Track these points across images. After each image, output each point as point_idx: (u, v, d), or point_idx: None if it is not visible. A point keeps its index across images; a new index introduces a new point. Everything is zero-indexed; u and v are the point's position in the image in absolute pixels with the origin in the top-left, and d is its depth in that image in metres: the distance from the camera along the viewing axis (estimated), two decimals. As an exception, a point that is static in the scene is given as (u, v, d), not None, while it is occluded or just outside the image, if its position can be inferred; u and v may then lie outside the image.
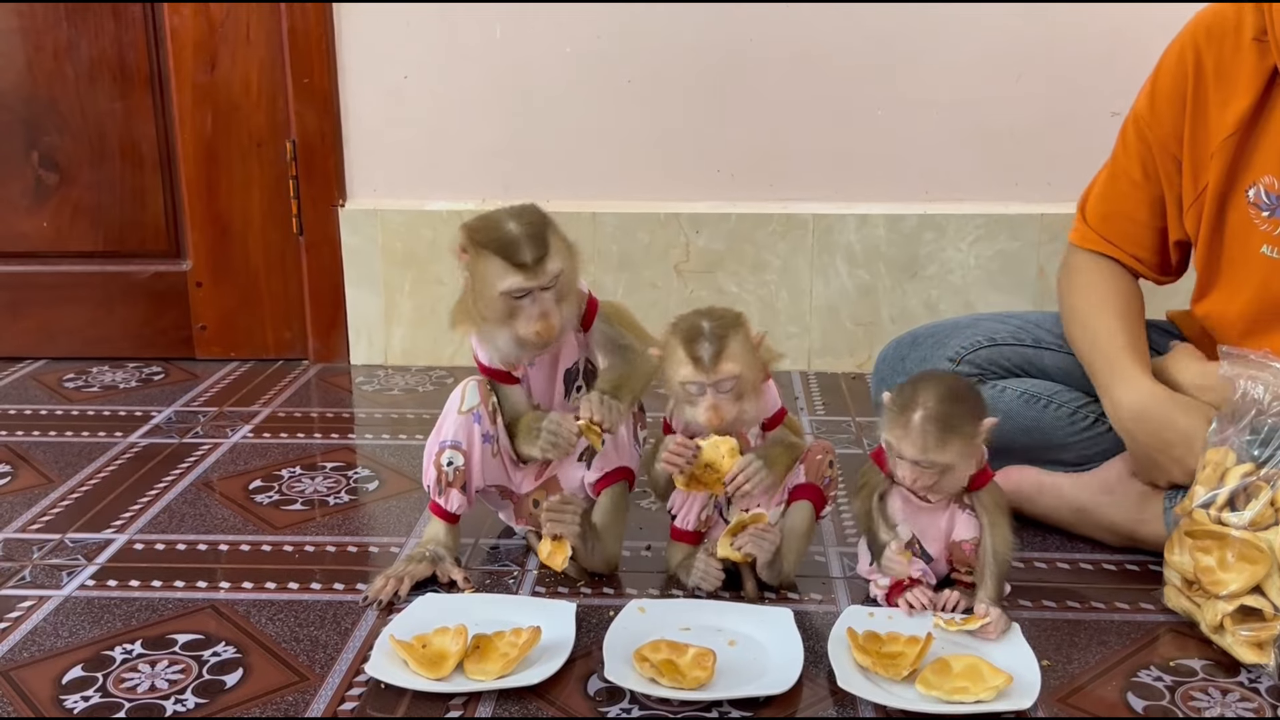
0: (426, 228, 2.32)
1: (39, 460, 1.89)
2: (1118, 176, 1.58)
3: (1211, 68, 1.45)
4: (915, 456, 1.30)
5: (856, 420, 2.06)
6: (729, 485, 1.36)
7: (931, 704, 1.16)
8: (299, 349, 2.43)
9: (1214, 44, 1.45)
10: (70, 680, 1.25)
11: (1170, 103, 1.50)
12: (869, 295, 2.29)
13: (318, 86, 2.27)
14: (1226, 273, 1.51)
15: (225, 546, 1.58)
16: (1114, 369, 1.49)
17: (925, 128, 2.23)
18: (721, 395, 1.34)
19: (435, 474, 1.45)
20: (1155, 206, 1.56)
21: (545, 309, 1.36)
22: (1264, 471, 1.28)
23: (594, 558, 1.45)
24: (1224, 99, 1.44)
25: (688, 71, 2.24)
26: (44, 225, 2.39)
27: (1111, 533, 1.53)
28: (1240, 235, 1.47)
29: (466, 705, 1.20)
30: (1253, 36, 1.42)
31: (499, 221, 1.37)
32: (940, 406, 1.30)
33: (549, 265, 1.35)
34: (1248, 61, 1.42)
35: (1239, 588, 1.25)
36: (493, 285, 1.35)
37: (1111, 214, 1.59)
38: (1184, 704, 1.20)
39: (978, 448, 1.34)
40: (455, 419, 1.44)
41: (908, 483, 1.33)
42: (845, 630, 1.27)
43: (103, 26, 2.29)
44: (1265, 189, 1.43)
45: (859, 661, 1.22)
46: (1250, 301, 1.48)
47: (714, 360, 1.32)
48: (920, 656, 1.22)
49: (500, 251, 1.34)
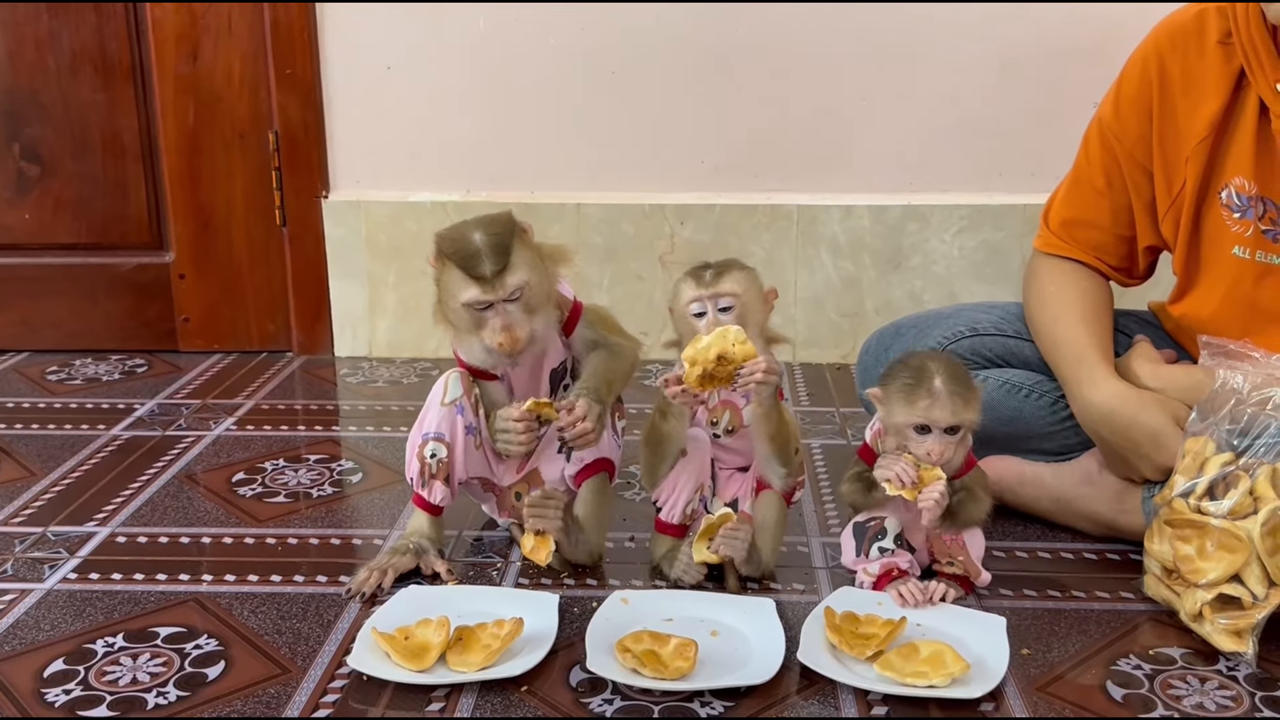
0: (411, 219, 2.31)
1: (21, 453, 1.89)
2: (1081, 183, 1.58)
3: (1178, 74, 1.45)
4: (950, 420, 1.31)
5: (841, 411, 2.07)
6: (741, 379, 1.31)
7: (885, 684, 1.18)
8: (283, 341, 2.43)
9: (1178, 50, 1.45)
10: (52, 674, 1.25)
11: (1135, 110, 1.50)
12: (853, 286, 2.30)
13: (300, 77, 2.27)
14: (1203, 275, 1.51)
15: (208, 539, 1.58)
16: (1079, 371, 1.49)
17: (909, 119, 2.24)
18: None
19: (418, 466, 1.45)
20: (1119, 214, 1.56)
21: (509, 322, 1.35)
22: (1243, 461, 1.28)
23: (578, 550, 1.45)
24: (1193, 104, 1.44)
25: (672, 63, 2.24)
26: (26, 217, 2.38)
27: (1092, 522, 1.54)
28: (1214, 237, 1.48)
29: (449, 697, 1.20)
30: (1217, 40, 1.42)
31: (465, 232, 1.36)
32: (949, 369, 1.33)
33: (509, 279, 1.34)
34: (1214, 65, 1.42)
35: (1218, 576, 1.26)
36: (455, 296, 1.36)
37: (1074, 220, 1.59)
38: (1163, 692, 1.21)
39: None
40: (438, 411, 1.44)
41: (934, 458, 1.33)
42: (824, 608, 1.29)
43: (84, 18, 2.28)
44: (1236, 190, 1.43)
45: (829, 639, 1.24)
46: (1223, 303, 1.48)
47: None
48: (889, 639, 1.24)
49: (460, 264, 1.34)
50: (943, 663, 1.20)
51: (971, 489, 1.37)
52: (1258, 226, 1.43)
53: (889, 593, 1.36)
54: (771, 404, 1.36)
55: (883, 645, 1.23)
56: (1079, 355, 1.50)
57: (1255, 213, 1.43)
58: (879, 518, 1.39)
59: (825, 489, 1.72)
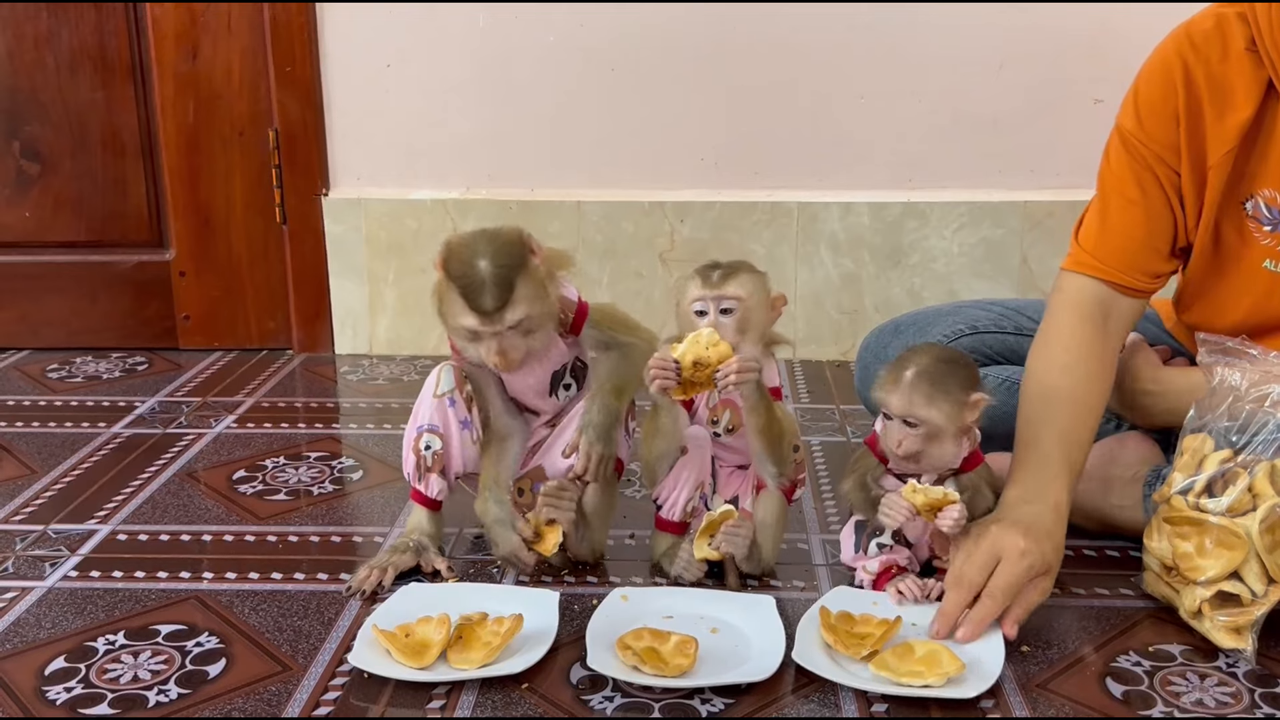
0: (410, 217, 2.31)
1: (22, 451, 1.89)
2: (1109, 198, 1.49)
3: (1203, 80, 1.40)
4: (902, 411, 1.30)
5: (841, 409, 2.07)
6: (719, 379, 1.31)
7: (880, 684, 1.18)
8: (283, 339, 2.43)
9: (1201, 56, 1.40)
10: (53, 671, 1.25)
11: (1159, 117, 1.43)
12: (853, 283, 2.30)
13: (300, 75, 2.27)
14: (1221, 286, 1.47)
15: (209, 537, 1.58)
16: (1031, 464, 1.38)
17: (908, 116, 2.24)
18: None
19: (414, 460, 1.45)
20: (1155, 222, 1.47)
21: (504, 347, 1.35)
22: (1241, 458, 1.28)
23: (582, 546, 1.46)
24: (1220, 112, 1.39)
25: (672, 60, 2.24)
26: (26, 215, 2.38)
27: (1091, 519, 1.54)
28: (1236, 248, 1.44)
29: (450, 694, 1.20)
30: (1244, 46, 1.37)
31: (472, 256, 1.34)
32: (933, 365, 1.31)
33: (509, 314, 1.33)
34: (1243, 72, 1.37)
35: (1217, 573, 1.26)
36: (455, 316, 1.36)
37: (1107, 236, 1.49)
38: (1162, 688, 1.21)
39: (966, 420, 1.33)
40: (430, 403, 1.45)
41: (893, 445, 1.32)
42: (819, 608, 1.28)
43: (84, 16, 2.28)
44: (1266, 203, 1.39)
45: (824, 638, 1.24)
46: (1248, 315, 1.45)
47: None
48: (885, 639, 1.23)
49: (463, 292, 1.33)
50: (938, 662, 1.20)
51: (978, 485, 1.37)
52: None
53: (888, 590, 1.36)
54: (756, 399, 1.35)
55: (878, 645, 1.23)
56: (1046, 457, 1.39)
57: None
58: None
59: (825, 487, 1.72)
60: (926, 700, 1.18)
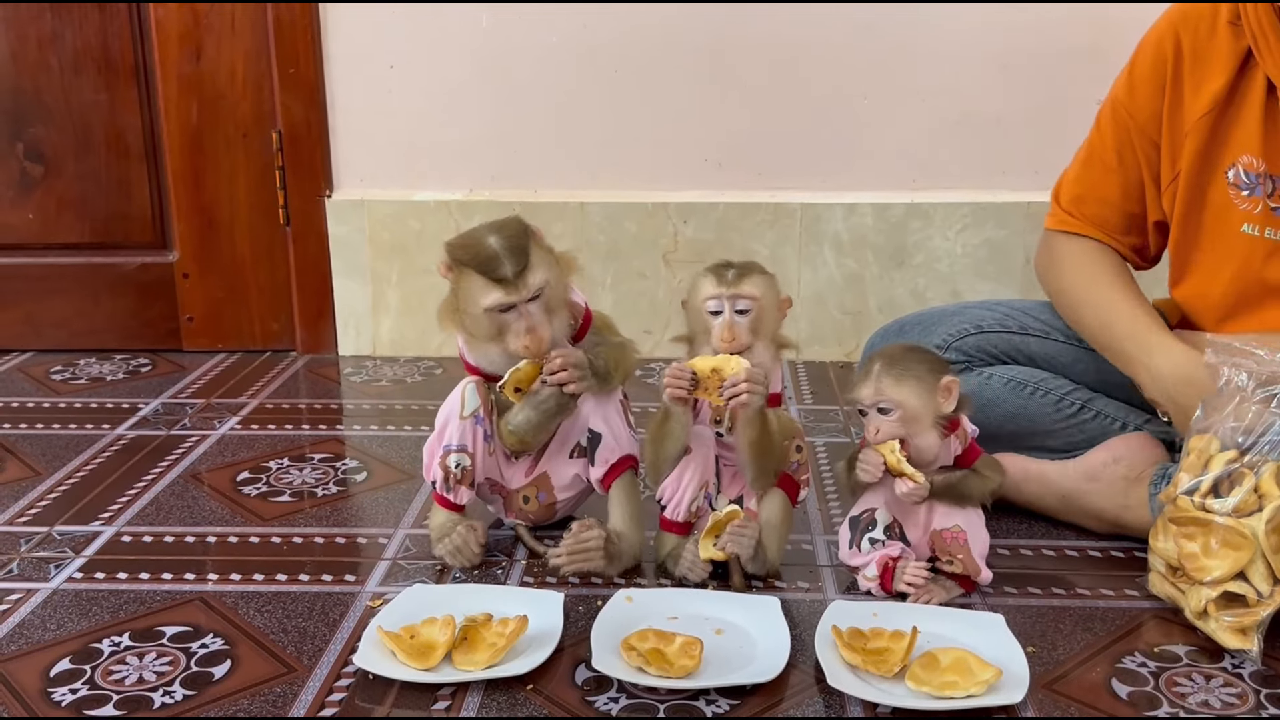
0: (414, 218, 2.31)
1: (26, 453, 1.89)
2: (1092, 160, 1.61)
3: (1188, 50, 1.49)
4: (873, 398, 1.33)
5: (844, 409, 2.07)
6: (725, 391, 1.33)
7: (924, 700, 1.16)
8: (286, 340, 2.43)
9: (1189, 28, 1.49)
10: (58, 673, 1.25)
11: (1149, 87, 1.53)
12: (856, 284, 2.30)
13: (303, 76, 2.27)
14: (1206, 254, 1.53)
15: (213, 538, 1.58)
16: (1141, 342, 1.49)
17: (912, 116, 2.24)
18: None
19: (443, 474, 1.46)
20: (1130, 190, 1.58)
21: (533, 323, 1.35)
22: (1247, 458, 1.28)
23: (621, 562, 1.45)
24: (1198, 81, 1.48)
25: (675, 61, 2.24)
26: (29, 217, 2.38)
27: (1096, 519, 1.54)
28: (1220, 215, 1.50)
29: (455, 695, 1.20)
30: (1228, 20, 1.46)
31: (479, 238, 1.36)
32: (899, 352, 1.36)
33: (530, 278, 1.34)
34: (1223, 44, 1.46)
35: (1223, 574, 1.26)
36: (477, 303, 1.35)
37: (1085, 197, 1.61)
38: (1168, 689, 1.21)
39: (940, 406, 1.34)
40: (458, 424, 1.45)
41: (870, 436, 1.35)
42: (830, 628, 1.26)
43: (87, 17, 2.28)
44: (1244, 169, 1.46)
45: (847, 660, 1.21)
46: (1233, 281, 1.50)
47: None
48: (909, 652, 1.21)
49: (480, 268, 1.34)
50: (968, 669, 1.18)
51: (977, 469, 1.38)
52: (1267, 204, 1.46)
53: (896, 586, 1.36)
54: (754, 414, 1.35)
55: (905, 660, 1.20)
56: (1132, 330, 1.51)
57: (1264, 190, 1.45)
58: (870, 509, 1.40)
59: (829, 488, 1.72)
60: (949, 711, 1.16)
